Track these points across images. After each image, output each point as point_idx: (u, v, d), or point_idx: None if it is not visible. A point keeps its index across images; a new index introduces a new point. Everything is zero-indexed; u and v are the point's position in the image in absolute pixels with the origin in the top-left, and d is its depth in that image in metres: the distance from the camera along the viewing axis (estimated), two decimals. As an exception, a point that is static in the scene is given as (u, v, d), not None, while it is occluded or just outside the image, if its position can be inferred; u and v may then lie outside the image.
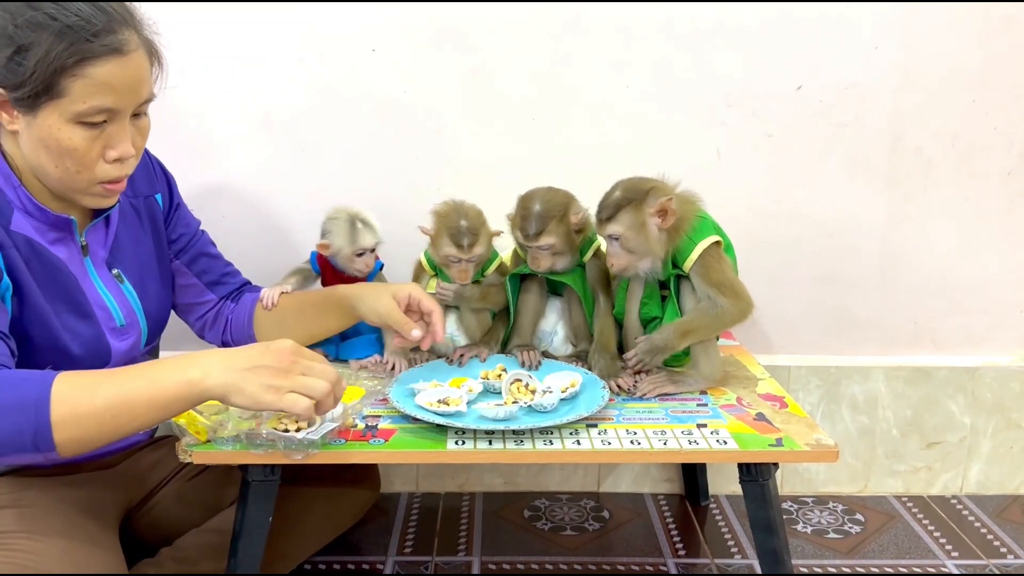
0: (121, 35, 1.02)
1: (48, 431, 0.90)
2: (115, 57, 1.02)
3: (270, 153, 1.64)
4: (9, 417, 0.90)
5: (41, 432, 0.90)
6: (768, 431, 1.19)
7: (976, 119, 1.66)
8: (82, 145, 1.04)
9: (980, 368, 1.77)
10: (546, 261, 1.36)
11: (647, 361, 1.29)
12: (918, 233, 1.72)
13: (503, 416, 1.16)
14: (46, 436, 0.90)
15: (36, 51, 0.98)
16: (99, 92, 1.02)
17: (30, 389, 0.92)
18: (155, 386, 0.95)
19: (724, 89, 1.63)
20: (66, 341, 1.12)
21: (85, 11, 1.00)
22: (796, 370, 1.76)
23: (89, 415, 0.92)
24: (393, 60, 1.60)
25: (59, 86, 1.00)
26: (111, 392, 0.94)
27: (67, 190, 1.10)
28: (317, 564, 1.51)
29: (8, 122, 1.05)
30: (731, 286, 1.27)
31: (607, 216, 1.28)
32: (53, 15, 0.99)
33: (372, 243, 1.40)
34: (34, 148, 1.05)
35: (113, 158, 1.07)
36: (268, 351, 0.99)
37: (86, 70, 1.00)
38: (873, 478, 1.81)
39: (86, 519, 1.15)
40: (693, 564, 1.55)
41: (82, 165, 1.06)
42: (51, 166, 1.06)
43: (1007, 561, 1.57)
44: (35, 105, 1.01)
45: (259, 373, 0.96)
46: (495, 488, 1.80)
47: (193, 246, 1.37)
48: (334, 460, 1.13)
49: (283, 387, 0.96)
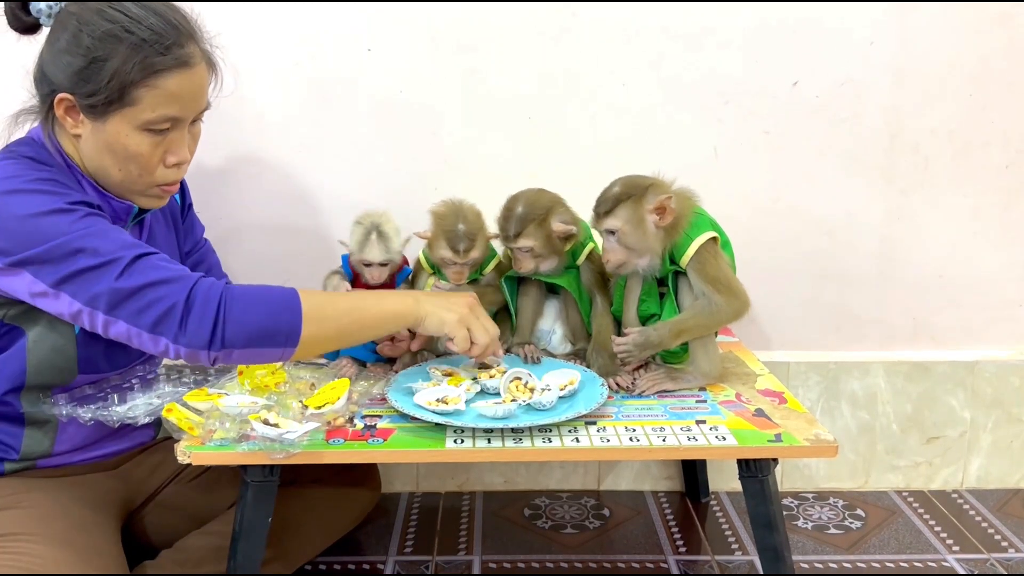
0: (188, 48, 1.09)
1: (299, 326, 1.06)
2: (183, 70, 1.09)
3: (267, 154, 1.64)
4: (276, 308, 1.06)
5: (293, 327, 1.06)
6: (767, 427, 1.19)
7: (973, 114, 1.66)
8: (147, 151, 1.11)
9: (979, 363, 1.77)
10: (527, 263, 1.36)
11: (635, 354, 1.29)
12: (916, 229, 1.72)
13: (502, 414, 1.16)
14: (297, 330, 1.06)
15: (112, 63, 1.05)
16: (167, 102, 1.08)
17: (277, 293, 1.08)
18: (382, 302, 1.18)
19: (721, 87, 1.63)
20: None
21: (157, 26, 1.07)
22: (795, 366, 1.76)
23: (332, 317, 1.11)
24: (389, 60, 1.60)
25: (131, 95, 1.06)
26: (347, 302, 1.16)
27: (126, 192, 1.16)
28: (318, 564, 1.51)
29: (72, 126, 1.10)
30: (727, 283, 1.27)
31: (605, 210, 1.28)
32: (129, 29, 1.05)
33: (378, 259, 1.35)
34: (98, 151, 1.11)
35: (172, 163, 1.14)
36: (459, 294, 1.24)
37: (157, 81, 1.07)
38: (873, 473, 1.81)
39: (88, 521, 1.15)
40: (694, 561, 1.55)
41: (144, 169, 1.13)
42: (114, 169, 1.12)
43: (1008, 555, 1.57)
44: (106, 112, 1.07)
45: (452, 307, 1.19)
46: (495, 487, 1.80)
47: (197, 252, 1.41)
48: (333, 460, 1.13)
49: (464, 319, 1.19)
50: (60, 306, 1.04)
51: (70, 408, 1.16)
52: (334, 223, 1.64)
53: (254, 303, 1.05)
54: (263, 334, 1.05)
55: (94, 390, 1.21)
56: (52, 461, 1.21)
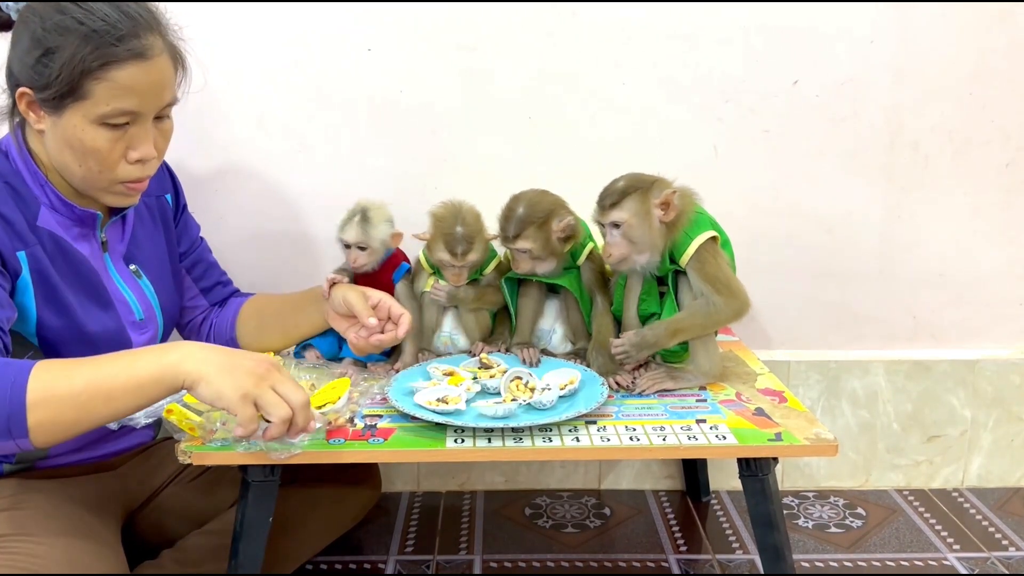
0: (145, 40, 1.06)
1: (22, 413, 0.89)
2: (138, 61, 1.05)
3: (266, 155, 1.64)
4: None
5: (15, 414, 0.89)
6: (767, 426, 1.19)
7: (973, 113, 1.66)
8: (105, 146, 1.08)
9: (980, 361, 1.77)
10: (525, 264, 1.36)
11: (632, 355, 1.29)
12: (916, 227, 1.72)
13: (502, 414, 1.16)
14: (20, 419, 0.89)
15: (63, 54, 1.02)
16: (122, 95, 1.05)
17: (8, 371, 0.91)
18: (132, 368, 0.94)
19: (721, 85, 1.63)
20: (90, 334, 1.14)
21: (111, 16, 1.04)
22: (796, 365, 1.76)
23: (65, 398, 0.91)
24: (389, 60, 1.60)
25: (83, 88, 1.04)
26: (88, 374, 0.93)
27: (90, 188, 1.14)
28: (318, 564, 1.52)
29: (35, 121, 1.09)
30: (726, 282, 1.27)
31: (612, 202, 1.28)
32: (80, 19, 1.03)
33: (351, 239, 1.34)
34: (59, 147, 1.09)
35: (135, 159, 1.11)
36: (250, 355, 1.00)
37: (110, 73, 1.04)
38: (874, 472, 1.81)
39: (87, 521, 1.15)
40: (695, 560, 1.55)
41: (104, 165, 1.09)
42: (75, 165, 1.10)
43: (1009, 553, 1.57)
44: (60, 106, 1.05)
45: (234, 373, 0.95)
46: (496, 486, 1.80)
47: (194, 251, 1.41)
48: (333, 460, 1.14)
49: (249, 394, 0.95)
50: None
51: None
52: (333, 224, 1.63)
53: None
54: None
55: None
56: (50, 463, 1.21)
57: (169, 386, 0.95)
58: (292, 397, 0.98)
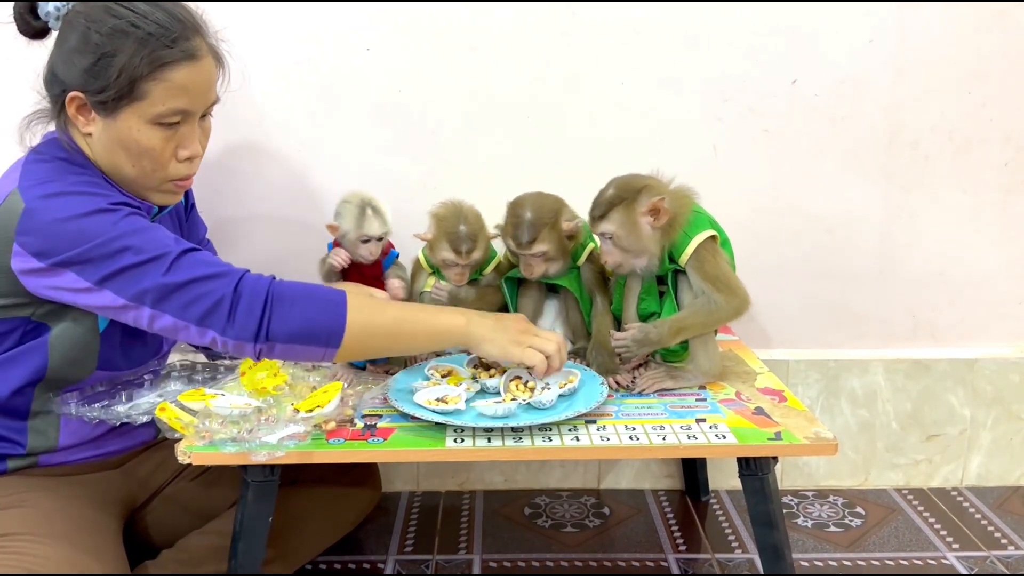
0: (194, 42, 1.11)
1: (342, 330, 1.08)
2: (190, 62, 1.10)
3: (266, 155, 1.64)
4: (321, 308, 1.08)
5: (336, 330, 1.08)
6: (767, 425, 1.19)
7: (972, 112, 1.66)
8: (159, 145, 1.12)
9: (979, 360, 1.77)
10: (539, 267, 1.36)
11: (633, 350, 1.29)
12: (916, 226, 1.72)
13: (502, 413, 1.16)
14: (339, 334, 1.08)
15: (120, 57, 1.06)
16: (176, 95, 1.10)
17: (325, 292, 1.10)
18: (434, 318, 1.17)
19: (720, 85, 1.63)
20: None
21: (163, 20, 1.09)
22: (795, 364, 1.76)
23: (378, 325, 1.13)
24: (389, 60, 1.60)
25: (140, 89, 1.08)
26: (398, 312, 1.17)
27: (140, 188, 1.17)
28: (318, 564, 1.52)
29: (83, 124, 1.12)
30: (726, 281, 1.27)
31: (599, 215, 1.28)
32: (134, 23, 1.07)
33: (379, 232, 1.37)
34: (111, 148, 1.12)
35: (184, 157, 1.16)
36: (509, 316, 1.21)
37: (165, 74, 1.08)
38: (873, 471, 1.81)
39: (89, 520, 1.16)
40: (694, 560, 1.55)
41: (157, 164, 1.14)
42: (128, 165, 1.14)
43: (1008, 552, 1.57)
44: (116, 108, 1.09)
45: (508, 332, 1.17)
46: (495, 486, 1.80)
47: None
48: (333, 460, 1.13)
49: (523, 342, 1.17)
50: (100, 301, 1.06)
51: (77, 407, 1.17)
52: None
53: (299, 300, 1.08)
54: (305, 332, 1.08)
55: (106, 387, 1.22)
56: (57, 457, 1.21)
57: (457, 341, 1.17)
58: (547, 346, 1.18)
